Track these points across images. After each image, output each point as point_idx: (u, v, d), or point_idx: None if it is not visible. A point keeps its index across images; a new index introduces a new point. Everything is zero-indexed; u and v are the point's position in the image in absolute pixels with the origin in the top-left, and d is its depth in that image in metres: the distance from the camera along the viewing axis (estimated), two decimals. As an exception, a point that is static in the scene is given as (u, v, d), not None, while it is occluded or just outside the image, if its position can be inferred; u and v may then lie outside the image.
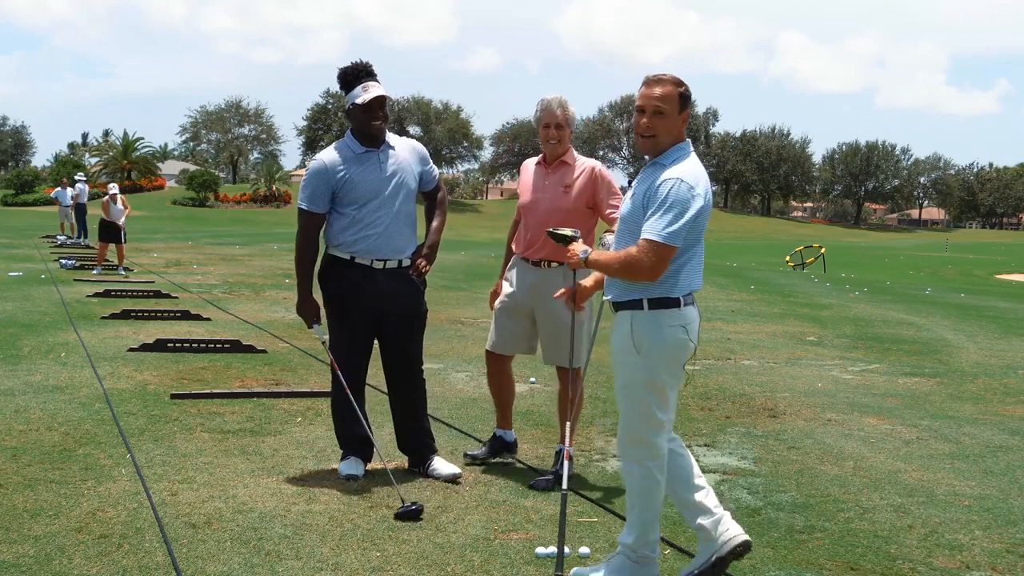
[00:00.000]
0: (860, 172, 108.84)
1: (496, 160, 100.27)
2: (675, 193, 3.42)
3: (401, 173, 4.83)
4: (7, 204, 69.20)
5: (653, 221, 3.44)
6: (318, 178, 4.75)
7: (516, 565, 3.79)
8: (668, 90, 3.53)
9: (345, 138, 4.86)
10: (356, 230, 4.76)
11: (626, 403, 3.61)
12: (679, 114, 3.55)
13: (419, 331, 5.03)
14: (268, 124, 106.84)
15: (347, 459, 4.92)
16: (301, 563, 3.70)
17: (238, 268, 19.87)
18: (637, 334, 3.51)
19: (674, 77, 3.56)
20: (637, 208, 3.53)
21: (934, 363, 9.82)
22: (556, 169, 5.06)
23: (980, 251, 56.42)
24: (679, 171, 3.48)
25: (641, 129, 3.56)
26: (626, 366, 3.57)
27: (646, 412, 3.54)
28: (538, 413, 6.52)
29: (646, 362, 3.52)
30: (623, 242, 3.59)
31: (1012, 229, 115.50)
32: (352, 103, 4.73)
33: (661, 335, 3.51)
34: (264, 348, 8.80)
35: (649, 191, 3.48)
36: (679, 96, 3.54)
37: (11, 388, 6.68)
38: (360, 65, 4.79)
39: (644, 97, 3.54)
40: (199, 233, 40.50)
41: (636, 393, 3.55)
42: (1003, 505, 4.83)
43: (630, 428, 3.60)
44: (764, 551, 4.04)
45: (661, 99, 3.52)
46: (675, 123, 3.54)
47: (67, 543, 3.81)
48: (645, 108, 3.54)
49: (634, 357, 3.52)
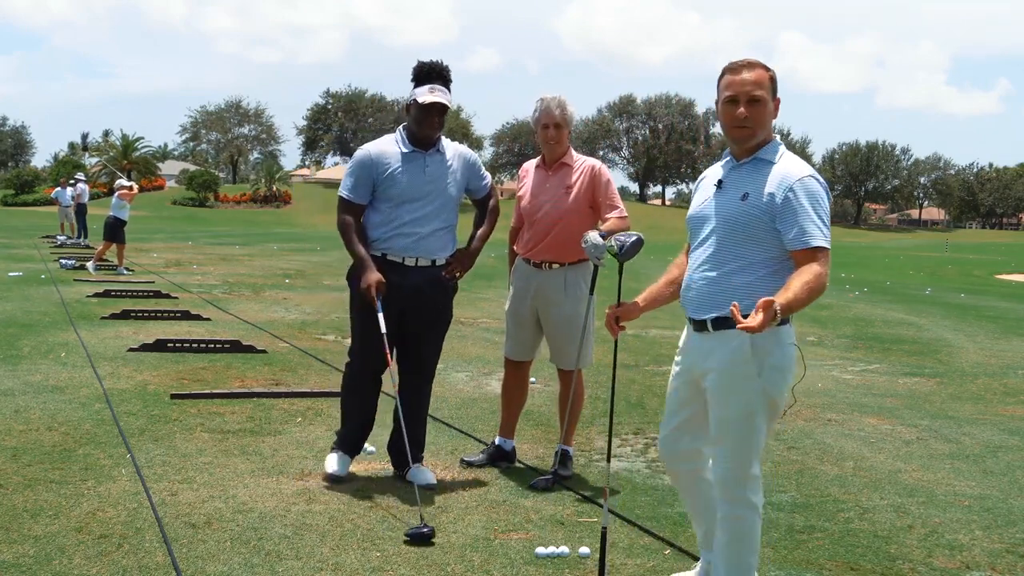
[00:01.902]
0: (860, 172, 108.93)
1: (496, 160, 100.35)
2: (819, 192, 3.11)
3: (444, 179, 4.75)
4: (7, 204, 69.22)
5: (814, 227, 3.08)
6: (362, 168, 4.70)
7: (516, 565, 3.78)
8: (760, 74, 3.18)
9: (396, 133, 4.81)
10: (390, 228, 4.69)
11: (739, 435, 3.16)
12: (772, 100, 3.21)
13: (438, 335, 4.94)
14: (268, 124, 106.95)
15: (335, 452, 4.87)
16: (301, 563, 3.70)
17: (238, 268, 19.87)
18: (759, 354, 3.11)
19: (760, 61, 3.22)
20: (755, 212, 3.14)
21: (934, 363, 9.82)
22: (556, 171, 5.05)
23: (980, 251, 56.41)
24: (803, 167, 3.16)
25: (737, 120, 3.17)
26: (744, 392, 3.14)
27: (760, 441, 3.18)
28: (538, 413, 6.52)
29: (769, 384, 3.14)
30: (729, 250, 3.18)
31: (1012, 229, 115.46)
32: (414, 99, 4.66)
33: (783, 351, 3.15)
34: (264, 348, 8.80)
35: (776, 192, 3.10)
36: (771, 80, 3.20)
37: (11, 388, 6.67)
38: (439, 66, 4.71)
39: (735, 84, 3.17)
40: (199, 233, 40.49)
41: (756, 421, 3.15)
42: (1003, 505, 4.84)
43: (743, 464, 3.16)
44: (764, 551, 4.03)
45: (756, 84, 3.15)
46: (770, 111, 3.20)
47: (67, 543, 3.80)
48: (738, 96, 3.16)
49: (754, 381, 3.12)
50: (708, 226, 3.27)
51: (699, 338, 3.27)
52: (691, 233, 3.38)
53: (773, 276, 3.13)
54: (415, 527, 4.07)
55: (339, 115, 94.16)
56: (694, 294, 3.28)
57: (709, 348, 3.22)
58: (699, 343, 3.27)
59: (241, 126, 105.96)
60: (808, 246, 3.07)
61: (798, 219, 3.08)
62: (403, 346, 4.88)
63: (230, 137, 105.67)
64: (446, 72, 4.72)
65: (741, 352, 3.13)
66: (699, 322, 3.25)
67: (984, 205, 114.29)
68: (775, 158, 3.20)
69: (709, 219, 3.27)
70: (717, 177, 3.32)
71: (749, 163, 3.23)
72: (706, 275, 3.23)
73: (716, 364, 3.19)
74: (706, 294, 3.23)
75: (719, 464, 3.23)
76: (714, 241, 3.23)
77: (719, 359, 3.18)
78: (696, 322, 3.27)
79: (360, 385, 4.92)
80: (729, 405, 3.17)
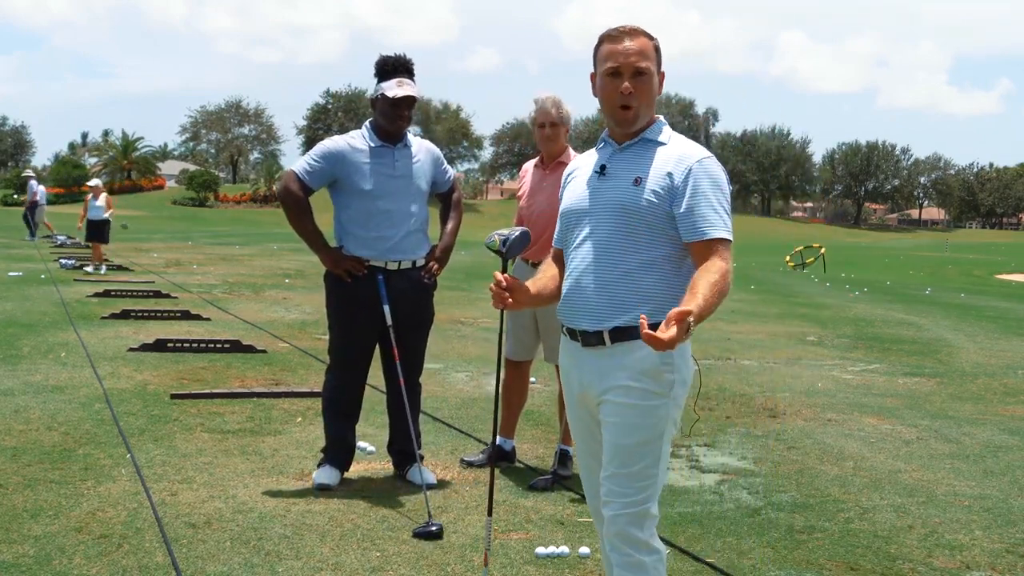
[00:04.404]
0: (860, 172, 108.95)
1: (496, 160, 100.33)
2: (720, 177, 2.69)
3: (414, 174, 4.74)
4: (7, 204, 69.13)
5: (715, 215, 2.64)
6: (327, 161, 4.64)
7: (516, 565, 3.78)
8: (644, 43, 2.71)
9: (362, 129, 4.77)
10: (365, 228, 4.65)
11: (643, 465, 2.65)
12: (658, 73, 2.74)
13: (423, 336, 4.95)
14: (268, 124, 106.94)
15: (323, 467, 4.76)
16: (301, 563, 3.70)
17: (238, 268, 19.87)
18: (667, 369, 2.65)
19: (642, 28, 2.76)
20: (651, 197, 2.66)
21: (934, 363, 9.82)
22: (554, 170, 5.06)
23: (980, 251, 56.41)
24: (700, 148, 2.73)
25: (621, 99, 2.70)
26: (651, 415, 2.65)
27: (663, 471, 2.72)
28: (538, 413, 6.52)
29: (676, 404, 2.70)
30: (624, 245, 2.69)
31: (1012, 229, 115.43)
32: (381, 94, 4.63)
33: (687, 364, 2.71)
34: (264, 348, 8.79)
35: (675, 173, 2.66)
36: (655, 50, 2.74)
37: (11, 388, 6.67)
38: (402, 59, 4.69)
39: (616, 54, 2.70)
40: (199, 233, 40.49)
41: (661, 446, 2.68)
42: (1003, 505, 4.83)
43: (647, 498, 2.67)
44: (764, 551, 4.03)
45: (640, 54, 2.70)
46: (656, 86, 2.74)
47: (67, 543, 3.80)
48: (622, 68, 2.69)
49: (663, 400, 2.66)
50: (591, 220, 2.75)
51: (590, 355, 2.73)
52: (566, 231, 2.85)
53: (676, 276, 2.68)
54: (422, 525, 4.08)
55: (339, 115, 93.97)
56: (583, 302, 2.72)
57: (605, 366, 2.69)
58: (590, 361, 2.73)
59: (241, 126, 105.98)
60: (708, 236, 2.62)
61: (698, 206, 2.63)
62: (389, 352, 4.83)
63: (230, 137, 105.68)
64: (410, 64, 4.71)
65: (648, 368, 2.64)
66: (591, 334, 2.70)
67: (984, 205, 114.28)
68: (663, 138, 2.76)
69: (593, 211, 2.75)
70: (595, 164, 2.82)
71: (635, 145, 2.76)
72: (599, 278, 2.70)
73: (616, 383, 2.67)
74: (601, 301, 2.69)
75: (614, 502, 2.67)
76: (603, 237, 2.72)
77: (620, 378, 2.66)
78: (587, 334, 2.72)
79: (339, 403, 4.83)
80: (633, 431, 2.65)
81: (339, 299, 4.74)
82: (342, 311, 4.75)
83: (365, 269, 4.66)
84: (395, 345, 4.71)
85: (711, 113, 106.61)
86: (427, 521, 4.12)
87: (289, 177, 4.71)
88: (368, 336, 4.76)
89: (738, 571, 3.80)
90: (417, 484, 4.64)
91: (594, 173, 2.80)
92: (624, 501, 2.65)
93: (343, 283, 4.69)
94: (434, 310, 4.99)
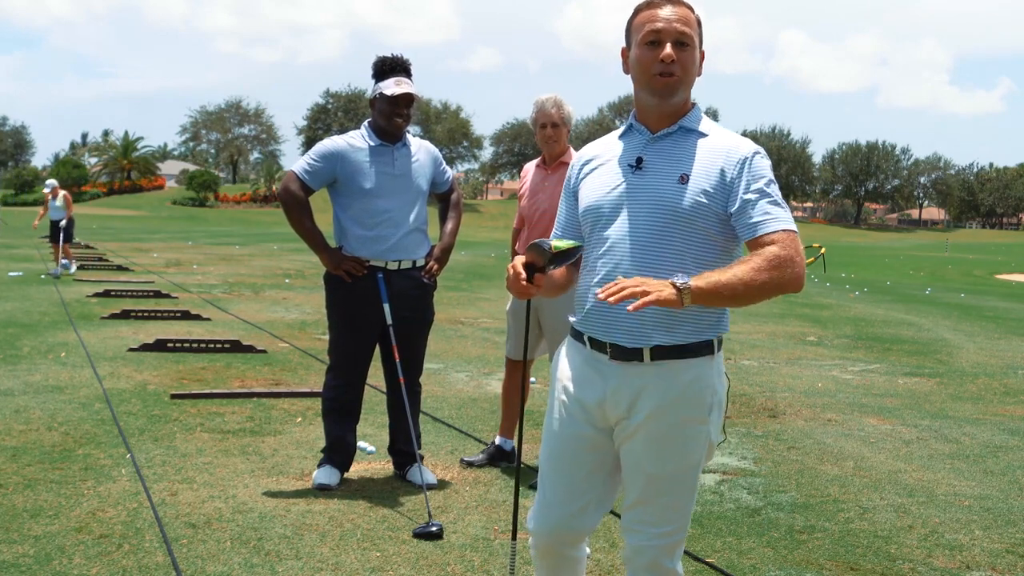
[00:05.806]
0: (860, 172, 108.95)
1: (496, 160, 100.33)
2: (770, 171, 2.43)
3: (413, 174, 4.75)
4: (7, 204, 69.28)
5: (777, 208, 2.37)
6: (327, 160, 4.65)
7: (517, 565, 3.78)
8: (686, 12, 2.44)
9: (361, 128, 4.78)
10: (364, 227, 4.65)
11: (680, 495, 2.46)
12: (700, 49, 2.47)
13: (423, 337, 4.94)
14: (268, 124, 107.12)
15: (323, 467, 4.76)
16: (301, 563, 3.70)
17: (238, 268, 19.87)
18: (708, 391, 2.44)
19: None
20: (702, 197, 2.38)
21: (934, 363, 9.82)
22: (556, 170, 5.06)
23: (980, 251, 56.41)
24: (747, 141, 2.45)
25: (662, 66, 2.39)
26: (690, 440, 2.43)
27: (694, 499, 2.53)
28: (538, 413, 6.52)
29: (715, 428, 2.48)
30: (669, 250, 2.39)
31: (1012, 229, 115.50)
32: (380, 93, 4.64)
33: (723, 384, 2.49)
34: (264, 348, 8.80)
35: (727, 169, 2.39)
36: (698, 23, 2.47)
37: (11, 388, 6.67)
38: (399, 59, 4.71)
39: (656, 20, 2.40)
40: (199, 233, 40.49)
41: (696, 475, 2.47)
42: (1003, 505, 4.83)
43: (680, 529, 2.49)
44: (764, 551, 4.03)
45: (684, 21, 2.41)
46: (697, 64, 2.47)
47: (67, 543, 3.80)
48: (663, 36, 2.39)
49: (703, 426, 2.43)
50: (626, 220, 2.43)
51: (620, 369, 2.44)
52: (591, 229, 2.52)
53: None
54: (423, 525, 4.09)
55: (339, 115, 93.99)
56: (615, 313, 2.41)
57: (638, 385, 2.42)
58: (619, 375, 2.44)
59: (241, 126, 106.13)
60: (771, 230, 2.35)
61: (758, 201, 2.36)
62: (389, 352, 4.84)
63: (230, 137, 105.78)
64: (408, 64, 4.72)
65: (687, 390, 2.41)
66: (628, 351, 2.42)
67: (984, 205, 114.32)
68: (704, 128, 2.47)
69: (628, 210, 2.43)
70: (623, 154, 2.50)
71: (673, 134, 2.46)
72: None
73: (651, 405, 2.40)
74: (644, 314, 2.36)
75: (642, 532, 2.47)
76: (642, 241, 2.40)
77: (656, 399, 2.40)
78: (622, 350, 2.43)
79: (339, 403, 4.82)
80: (670, 459, 2.42)
81: (339, 299, 4.74)
82: (342, 311, 4.75)
83: (365, 269, 4.67)
84: (395, 345, 4.72)
85: (711, 113, 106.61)
86: (427, 521, 4.12)
87: (289, 178, 4.72)
88: (368, 336, 4.76)
89: (738, 571, 3.80)
90: (417, 484, 4.64)
91: (627, 166, 2.47)
92: (655, 532, 2.46)
93: (343, 283, 4.69)
94: (434, 310, 4.99)
